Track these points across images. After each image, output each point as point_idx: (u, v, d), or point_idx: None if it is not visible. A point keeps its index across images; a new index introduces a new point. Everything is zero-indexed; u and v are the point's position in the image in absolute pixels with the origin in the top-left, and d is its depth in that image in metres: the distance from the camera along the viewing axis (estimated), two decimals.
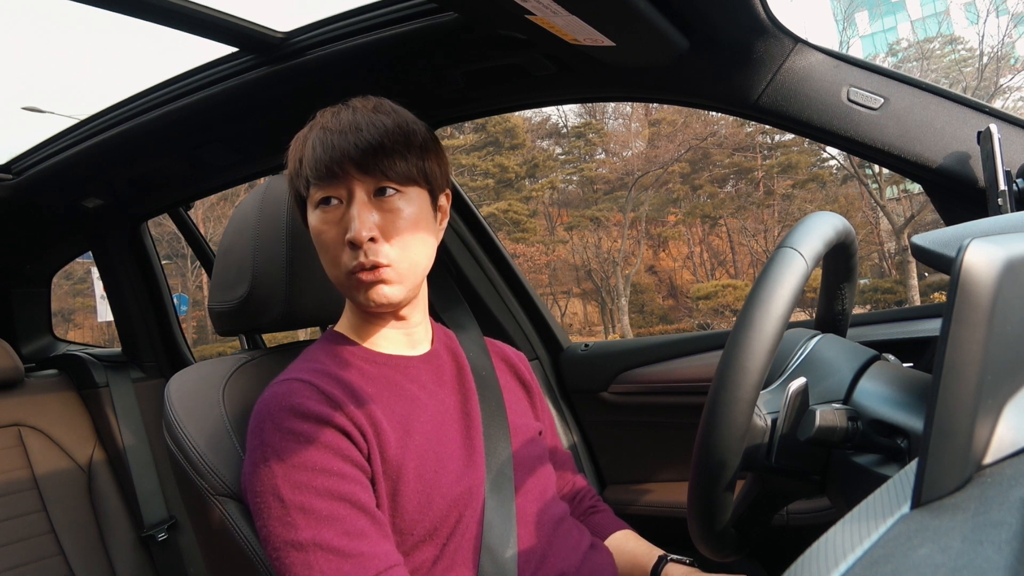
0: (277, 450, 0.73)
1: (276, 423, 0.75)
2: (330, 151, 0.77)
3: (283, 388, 0.78)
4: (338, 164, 0.77)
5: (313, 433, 0.74)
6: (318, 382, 0.78)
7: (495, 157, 20.22)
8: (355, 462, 0.74)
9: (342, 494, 0.71)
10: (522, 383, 1.02)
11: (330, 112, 0.82)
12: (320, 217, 0.80)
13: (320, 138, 0.78)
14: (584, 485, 1.06)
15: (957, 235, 0.51)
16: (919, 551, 0.30)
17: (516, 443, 0.89)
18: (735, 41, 0.98)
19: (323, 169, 0.77)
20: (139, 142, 1.45)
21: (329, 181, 0.78)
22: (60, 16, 44.36)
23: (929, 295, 15.33)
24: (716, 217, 19.47)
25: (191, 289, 18.75)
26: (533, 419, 0.99)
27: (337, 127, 0.78)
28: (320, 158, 0.77)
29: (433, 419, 0.83)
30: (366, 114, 0.80)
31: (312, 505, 0.70)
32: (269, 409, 0.76)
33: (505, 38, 1.08)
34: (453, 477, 0.80)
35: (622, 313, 18.24)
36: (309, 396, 0.76)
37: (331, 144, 0.77)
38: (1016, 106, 16.92)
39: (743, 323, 0.55)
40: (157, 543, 1.78)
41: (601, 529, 0.99)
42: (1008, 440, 0.38)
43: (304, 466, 0.72)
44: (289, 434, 0.74)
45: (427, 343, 0.93)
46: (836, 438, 0.59)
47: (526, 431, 0.93)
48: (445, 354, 0.93)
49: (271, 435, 0.74)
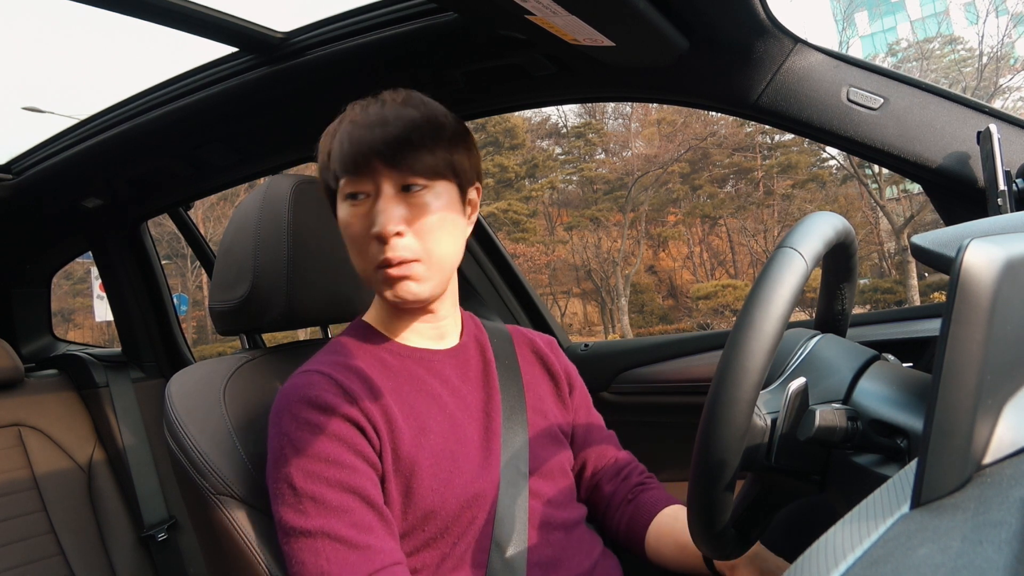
0: (293, 440, 0.74)
1: (293, 413, 0.76)
2: (357, 145, 0.77)
3: (303, 379, 0.79)
4: (364, 159, 0.77)
5: (327, 425, 0.75)
6: (337, 375, 0.78)
7: (495, 157, 20.21)
8: (366, 457, 0.75)
9: (353, 487, 0.72)
10: (549, 371, 0.99)
11: (359, 105, 0.82)
12: (348, 210, 0.80)
13: (348, 132, 0.79)
14: (628, 459, 1.01)
15: (957, 235, 0.51)
16: (919, 551, 0.30)
17: (535, 445, 0.88)
18: (735, 41, 0.98)
19: (350, 163, 0.78)
20: (139, 142, 1.45)
21: (356, 175, 0.78)
22: (60, 16, 44.37)
23: (929, 295, 15.33)
24: (716, 217, 19.48)
25: (191, 289, 18.75)
26: (559, 412, 0.96)
27: (365, 121, 0.78)
28: (348, 152, 0.78)
29: (451, 417, 0.83)
30: (394, 107, 0.79)
31: (323, 495, 0.72)
32: (288, 399, 0.77)
33: (505, 38, 1.08)
34: (468, 477, 0.79)
35: (622, 313, 18.25)
36: (326, 388, 0.77)
37: (358, 138, 0.77)
38: (1016, 106, 16.93)
39: (743, 323, 0.55)
40: (157, 543, 1.78)
41: (651, 506, 0.93)
42: (1008, 440, 0.38)
43: (318, 456, 0.73)
44: (305, 424, 0.75)
45: (456, 336, 0.92)
46: (836, 438, 0.59)
47: (548, 430, 0.92)
48: (473, 348, 0.92)
49: (288, 425, 0.76)
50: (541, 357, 0.99)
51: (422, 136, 0.78)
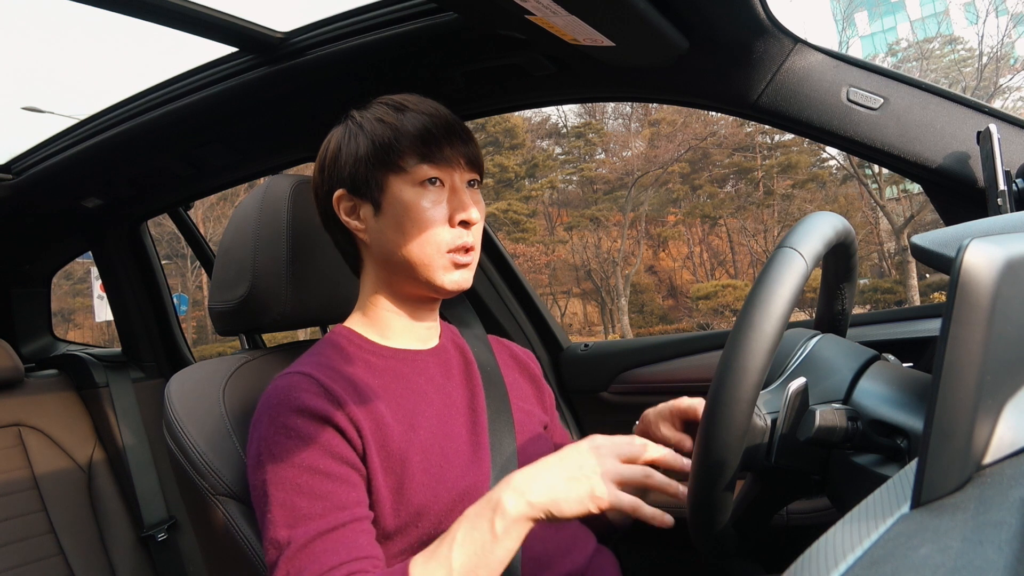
0: (269, 446, 0.74)
1: (272, 417, 0.76)
2: (442, 134, 0.82)
3: (285, 382, 0.78)
4: (450, 147, 0.82)
5: (306, 429, 0.74)
6: (320, 376, 0.78)
7: (495, 157, 20.21)
8: (347, 460, 0.74)
9: (325, 493, 0.72)
10: (530, 377, 1.02)
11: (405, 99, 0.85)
12: (421, 194, 0.82)
13: (426, 120, 0.83)
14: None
15: (957, 235, 0.51)
16: (919, 551, 0.30)
17: (521, 439, 0.89)
18: (735, 41, 0.98)
19: (436, 150, 0.82)
20: (139, 142, 1.45)
21: (440, 162, 0.82)
22: (60, 16, 44.39)
23: (929, 295, 15.33)
24: (716, 217, 19.47)
25: (191, 289, 18.75)
26: (540, 412, 0.99)
27: (435, 112, 0.84)
28: (434, 138, 0.82)
29: (439, 413, 0.84)
30: (440, 107, 0.86)
31: (294, 503, 0.71)
32: (269, 403, 0.77)
33: (505, 38, 1.08)
34: (458, 471, 0.80)
35: (622, 313, 18.24)
36: (308, 390, 0.77)
37: (442, 127, 0.83)
38: (1016, 106, 16.93)
39: (743, 323, 0.55)
40: (157, 543, 1.78)
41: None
42: (1008, 440, 0.38)
43: (292, 463, 0.73)
44: (282, 429, 0.74)
45: (437, 338, 0.94)
46: (836, 438, 0.59)
47: (532, 427, 0.93)
48: (452, 349, 0.94)
49: (266, 430, 0.75)
50: (520, 362, 1.03)
51: (472, 136, 0.86)
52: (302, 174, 1.05)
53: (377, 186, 0.83)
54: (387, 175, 0.83)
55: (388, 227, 0.83)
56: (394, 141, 0.82)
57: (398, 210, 0.82)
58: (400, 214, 0.82)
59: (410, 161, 0.82)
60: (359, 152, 0.83)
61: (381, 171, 0.83)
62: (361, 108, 0.87)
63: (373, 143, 0.83)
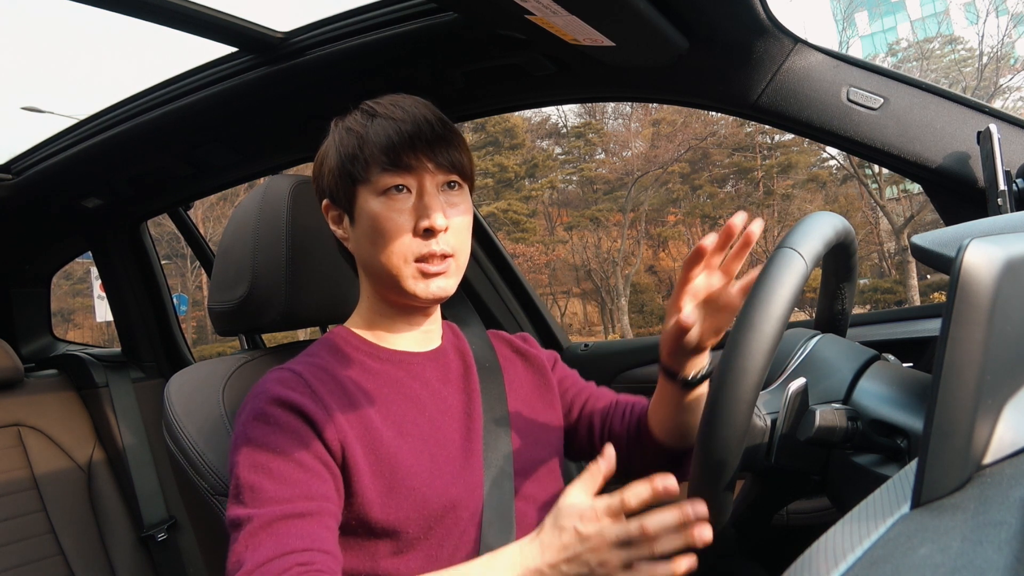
0: (246, 430, 0.75)
1: (252, 407, 0.76)
2: (405, 140, 0.79)
3: (272, 375, 0.79)
4: (413, 153, 0.79)
5: (283, 419, 0.74)
6: (307, 375, 0.78)
7: (495, 157, 20.21)
8: (319, 457, 0.74)
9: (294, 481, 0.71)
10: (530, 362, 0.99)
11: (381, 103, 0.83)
12: (386, 204, 0.80)
13: (389, 127, 0.80)
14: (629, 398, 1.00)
15: (957, 235, 0.51)
16: (919, 551, 0.30)
17: (519, 445, 0.88)
18: (735, 41, 0.98)
19: (397, 157, 0.79)
20: (139, 142, 1.45)
21: (400, 169, 0.79)
22: (60, 16, 44.36)
23: (929, 295, 15.33)
24: (716, 217, 19.45)
25: (191, 289, 18.75)
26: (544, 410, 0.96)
27: (403, 117, 0.80)
28: (395, 145, 0.79)
29: (431, 419, 0.83)
30: (420, 108, 0.81)
31: (261, 485, 0.71)
32: (254, 393, 0.78)
33: (504, 38, 1.08)
34: (449, 478, 0.79)
35: (622, 313, 18.24)
36: (292, 386, 0.77)
37: (405, 132, 0.79)
38: (1016, 106, 16.93)
39: (743, 323, 0.55)
40: (157, 543, 1.78)
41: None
42: (1008, 440, 0.38)
43: (264, 447, 0.73)
44: (261, 416, 0.75)
45: (438, 339, 0.93)
46: (836, 438, 0.59)
47: (532, 433, 0.92)
48: (453, 352, 0.93)
49: (246, 417, 0.76)
50: (519, 351, 1.00)
51: (455, 137, 0.82)
52: (302, 174, 1.05)
53: (348, 198, 0.83)
54: (355, 186, 0.82)
55: (363, 237, 0.83)
56: (358, 151, 0.81)
57: (366, 221, 0.81)
58: (368, 225, 0.81)
59: (374, 171, 0.80)
60: (331, 164, 0.84)
61: (349, 183, 0.82)
62: (342, 116, 0.86)
63: (340, 155, 0.82)
